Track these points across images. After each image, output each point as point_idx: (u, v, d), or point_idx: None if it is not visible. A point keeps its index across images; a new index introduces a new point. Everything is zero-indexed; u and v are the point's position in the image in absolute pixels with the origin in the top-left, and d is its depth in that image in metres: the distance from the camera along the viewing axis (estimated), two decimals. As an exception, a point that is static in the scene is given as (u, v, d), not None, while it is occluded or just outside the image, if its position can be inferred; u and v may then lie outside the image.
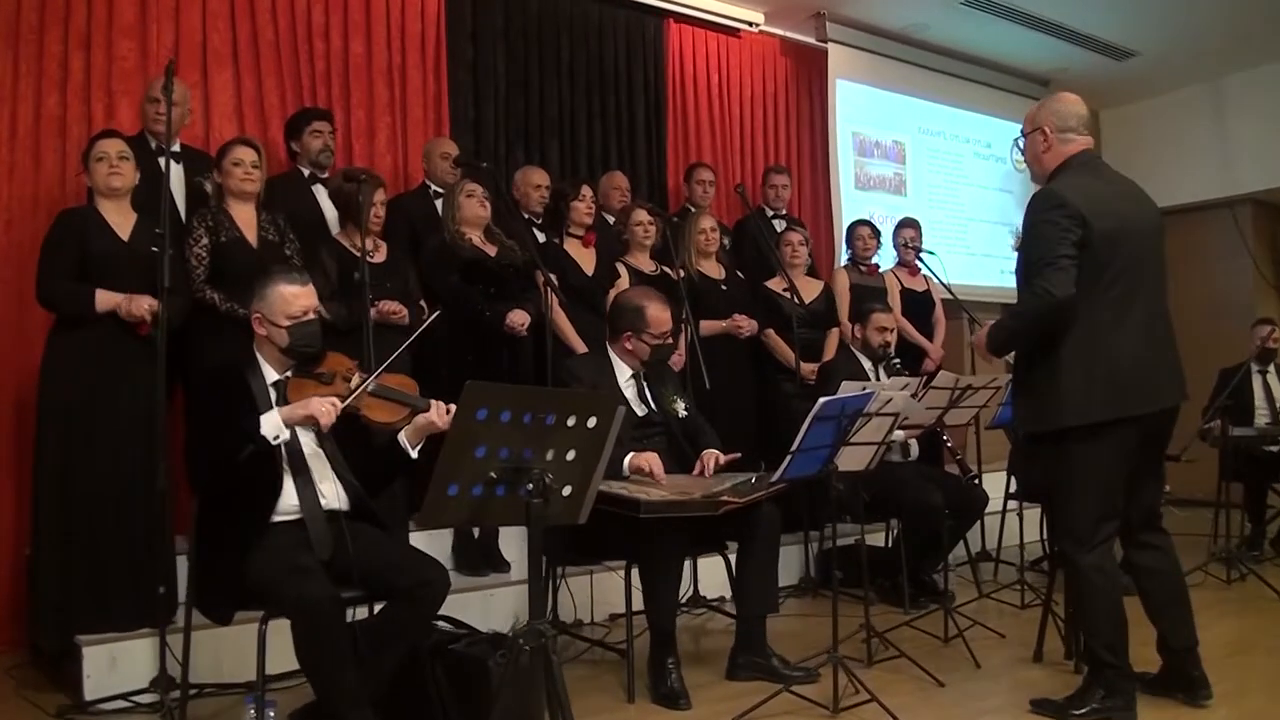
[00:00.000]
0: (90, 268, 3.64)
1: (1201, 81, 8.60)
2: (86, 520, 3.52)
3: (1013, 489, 5.37)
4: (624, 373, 3.83)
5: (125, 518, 3.54)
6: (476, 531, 4.57)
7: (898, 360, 4.95)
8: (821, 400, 3.03)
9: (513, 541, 4.62)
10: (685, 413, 3.87)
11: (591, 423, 2.57)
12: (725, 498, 3.26)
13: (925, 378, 4.37)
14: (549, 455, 2.51)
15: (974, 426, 5.25)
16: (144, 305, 3.59)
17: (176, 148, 4.37)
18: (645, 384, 3.85)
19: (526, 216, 5.39)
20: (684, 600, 4.66)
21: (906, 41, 7.84)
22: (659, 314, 3.78)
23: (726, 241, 6.12)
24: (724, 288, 5.53)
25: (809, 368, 5.45)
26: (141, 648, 3.45)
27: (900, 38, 7.79)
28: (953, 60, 8.22)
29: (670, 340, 3.82)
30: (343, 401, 2.93)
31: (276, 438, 2.86)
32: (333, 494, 3.03)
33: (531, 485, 2.44)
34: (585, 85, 6.39)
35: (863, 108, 7.71)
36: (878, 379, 4.95)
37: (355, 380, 3.06)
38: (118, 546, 3.53)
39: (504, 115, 6.04)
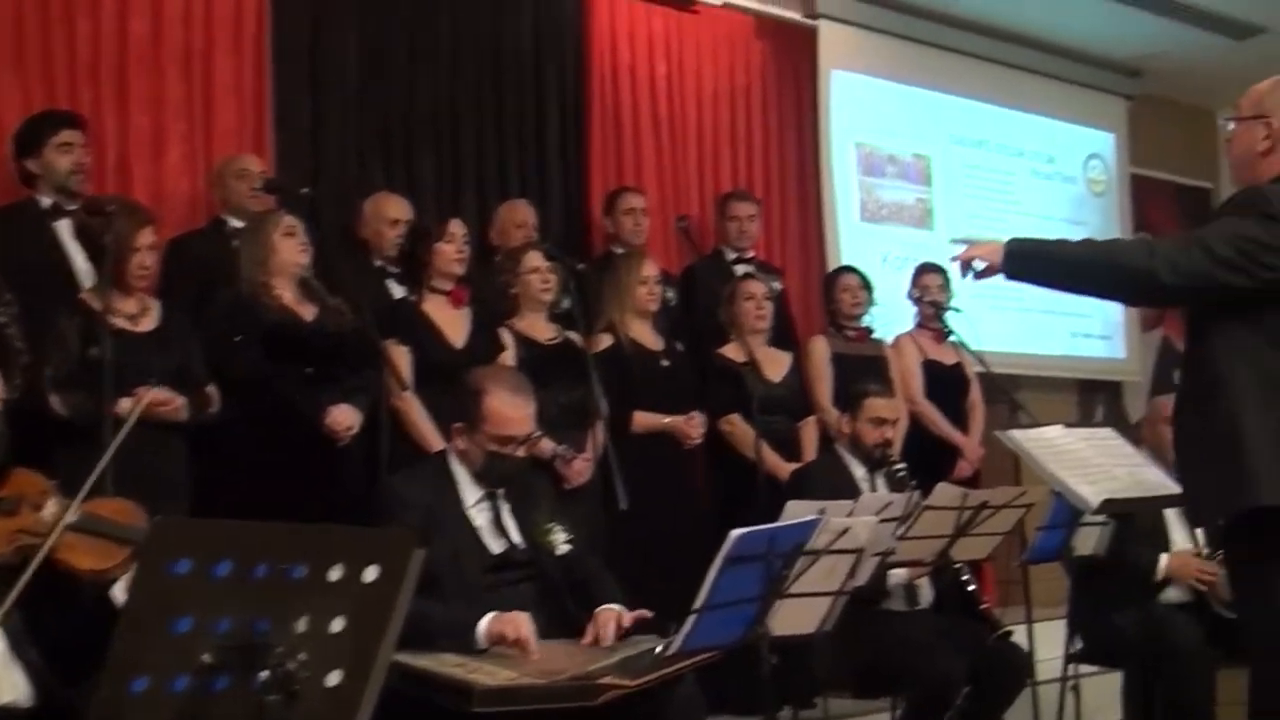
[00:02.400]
0: None
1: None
2: None
3: (1077, 647, 5.16)
4: (471, 492, 3.64)
5: None
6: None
7: (902, 467, 4.82)
8: (734, 534, 2.86)
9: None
10: (566, 548, 3.69)
11: (369, 575, 2.36)
12: (608, 679, 3.04)
13: (921, 495, 4.20)
14: (299, 626, 2.30)
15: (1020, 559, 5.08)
16: None
17: None
18: (502, 506, 3.66)
19: (379, 264, 5.29)
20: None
21: (930, 17, 7.88)
22: (504, 408, 3.61)
23: (671, 295, 6.02)
24: (664, 363, 5.43)
25: (785, 468, 5.33)
26: None
27: (921, 12, 7.82)
28: (999, 43, 8.26)
29: (517, 453, 3.64)
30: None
31: None
32: (9, 685, 2.80)
33: (268, 674, 2.21)
34: (475, 80, 6.33)
35: (870, 110, 7.71)
36: (873, 492, 4.77)
37: (50, 509, 2.89)
38: None
39: (356, 121, 5.96)
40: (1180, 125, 9.54)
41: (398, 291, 5.15)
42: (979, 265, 3.33)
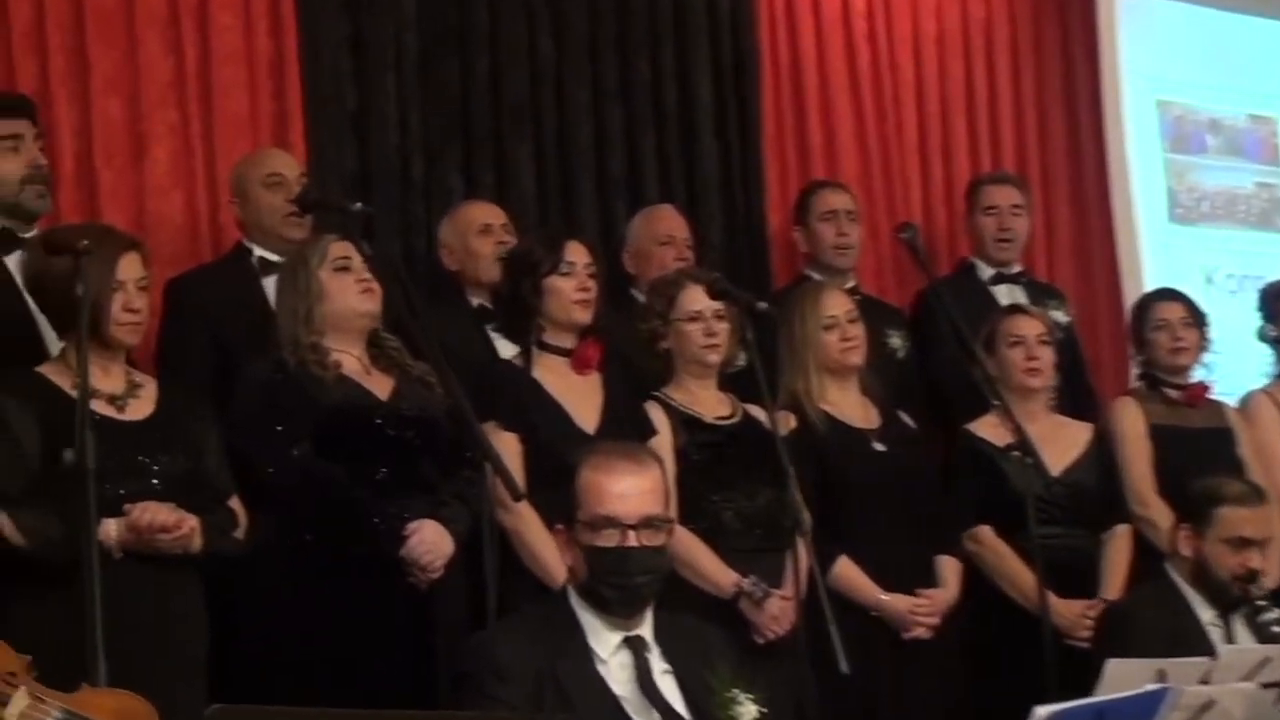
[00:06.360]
0: None
1: None
2: None
3: None
4: (604, 641, 3.67)
5: None
6: None
7: (1277, 615, 4.79)
8: (1039, 714, 2.83)
9: None
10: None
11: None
12: None
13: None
14: None
15: None
16: None
17: None
18: (654, 661, 3.68)
19: (477, 304, 5.39)
20: None
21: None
22: (599, 477, 3.69)
23: (898, 344, 6.07)
24: (878, 446, 5.40)
25: (1076, 609, 5.32)
26: None
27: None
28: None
29: (627, 543, 3.63)
30: None
31: None
32: None
33: None
34: (588, 45, 6.43)
35: (1181, 53, 7.78)
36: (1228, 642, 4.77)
37: (18, 703, 3.00)
38: None
39: (418, 102, 6.05)
40: None
41: (506, 349, 5.13)
42: None
